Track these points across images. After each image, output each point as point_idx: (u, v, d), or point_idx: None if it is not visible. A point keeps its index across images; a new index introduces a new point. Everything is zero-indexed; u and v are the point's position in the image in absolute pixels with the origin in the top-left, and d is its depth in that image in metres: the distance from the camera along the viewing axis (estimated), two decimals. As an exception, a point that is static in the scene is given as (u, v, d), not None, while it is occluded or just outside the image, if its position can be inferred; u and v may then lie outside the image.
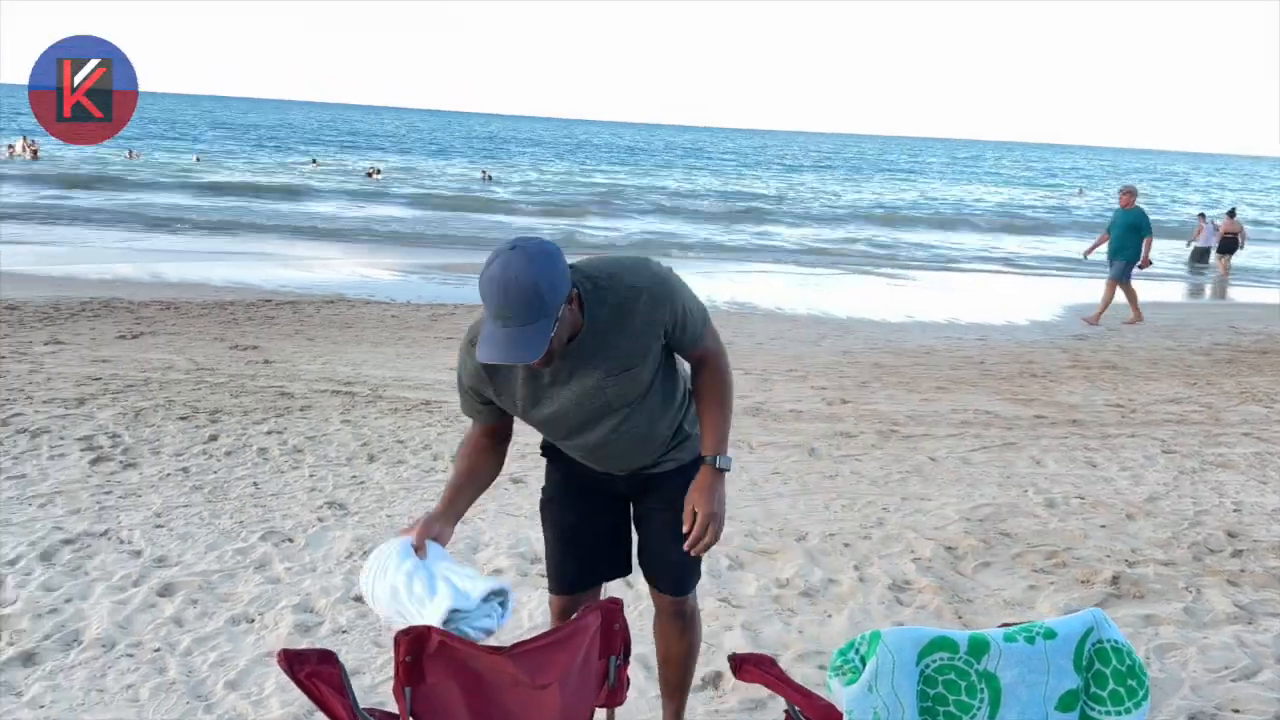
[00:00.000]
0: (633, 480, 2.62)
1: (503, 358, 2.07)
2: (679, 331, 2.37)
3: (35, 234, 17.21)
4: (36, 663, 3.32)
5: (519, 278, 2.04)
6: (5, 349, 7.88)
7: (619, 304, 2.28)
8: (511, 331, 2.05)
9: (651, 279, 2.32)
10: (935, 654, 1.94)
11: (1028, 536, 4.84)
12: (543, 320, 2.07)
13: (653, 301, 2.30)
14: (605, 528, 2.68)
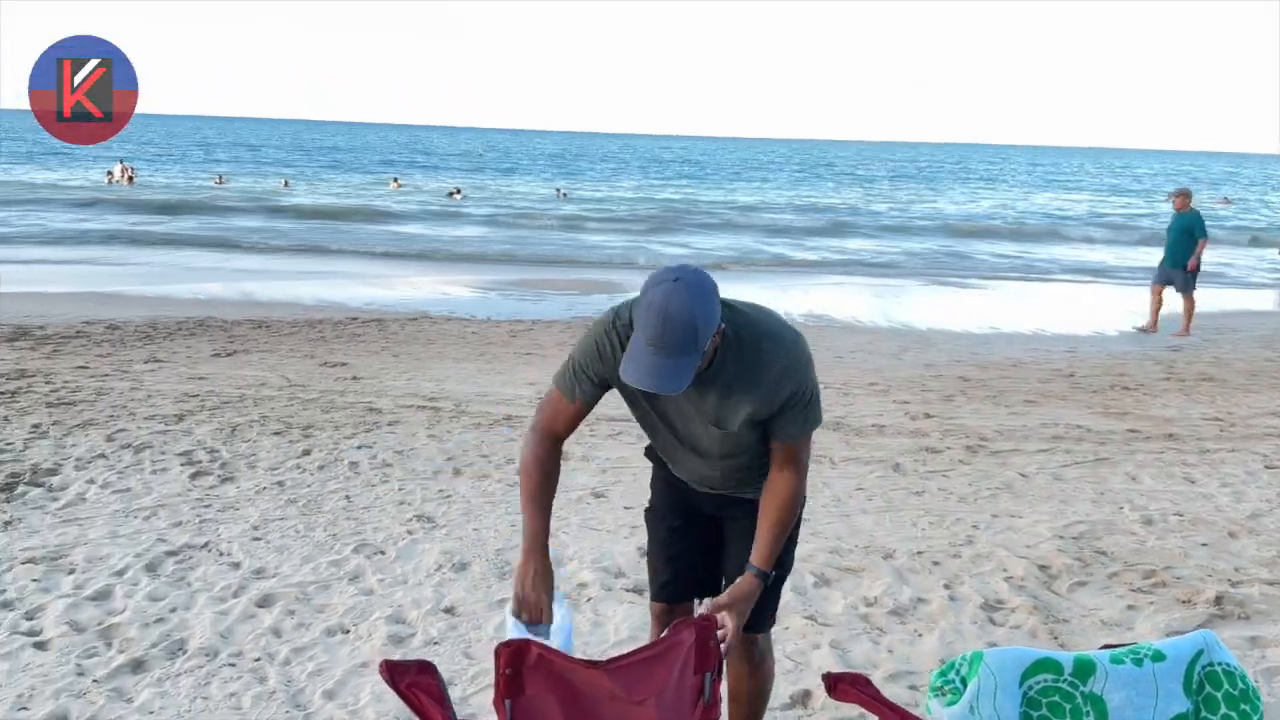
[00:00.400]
0: (716, 500, 2.65)
1: (649, 384, 2.11)
2: (784, 416, 2.34)
3: (132, 256, 17.90)
4: (145, 670, 3.45)
5: (679, 312, 2.07)
6: (108, 367, 8.21)
7: (747, 366, 2.29)
8: (662, 360, 2.09)
9: (789, 358, 2.31)
10: (1039, 675, 1.91)
11: (1125, 555, 4.71)
12: (692, 354, 2.10)
13: (779, 378, 2.30)
14: (698, 541, 2.70)
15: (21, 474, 5.40)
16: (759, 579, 2.36)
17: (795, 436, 2.39)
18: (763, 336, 2.30)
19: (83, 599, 3.94)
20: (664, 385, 2.11)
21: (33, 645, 3.57)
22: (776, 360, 2.29)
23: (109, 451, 5.86)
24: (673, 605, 2.73)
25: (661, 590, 2.73)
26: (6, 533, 4.60)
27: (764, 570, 2.37)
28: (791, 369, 2.31)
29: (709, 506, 2.67)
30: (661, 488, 2.75)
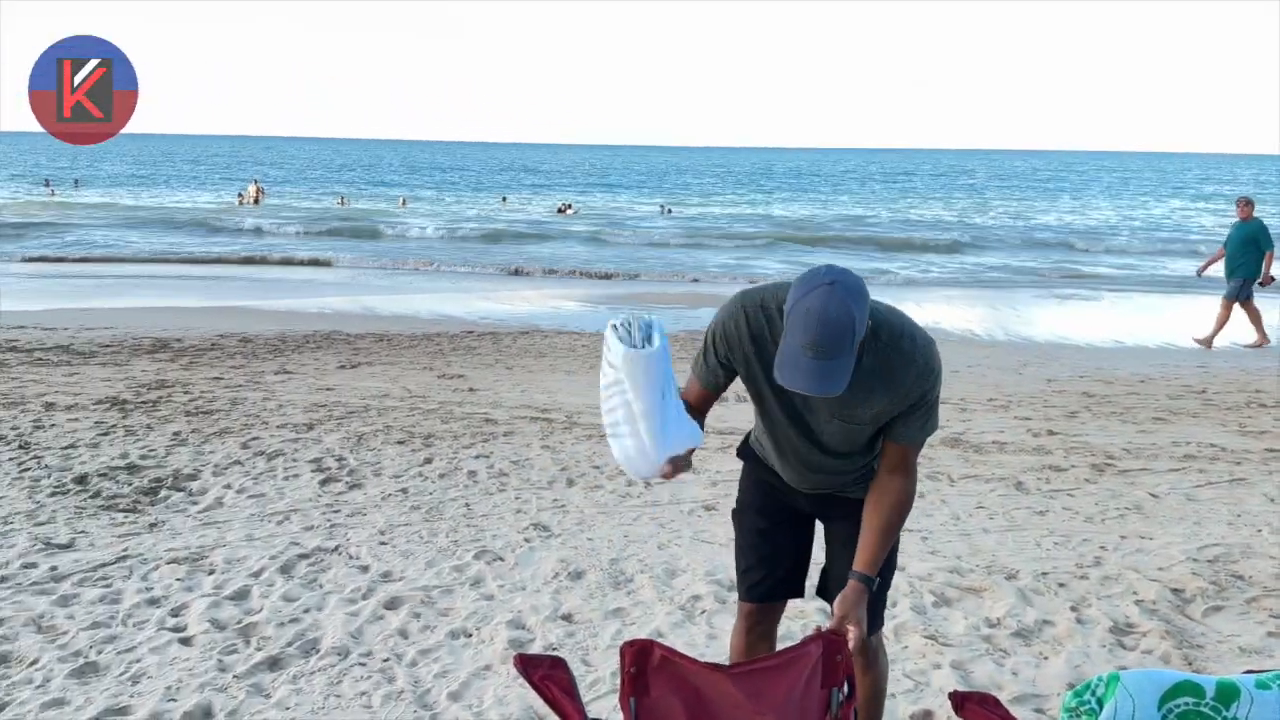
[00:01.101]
0: (816, 500, 2.65)
1: (810, 388, 2.12)
2: (907, 418, 2.36)
3: (261, 273, 18.73)
4: (281, 667, 3.61)
5: (838, 316, 2.08)
6: (241, 378, 8.62)
7: (886, 362, 2.30)
8: (820, 364, 2.09)
9: (926, 358, 2.34)
10: (1179, 698, 1.85)
11: (1264, 580, 4.49)
12: (848, 355, 2.12)
13: (916, 378, 2.32)
14: (789, 540, 2.71)
15: (164, 479, 5.71)
16: (864, 585, 2.33)
17: (913, 439, 2.40)
18: (902, 336, 2.32)
19: (223, 598, 4.15)
20: (825, 388, 2.11)
21: (179, 641, 3.78)
22: (915, 360, 2.31)
23: (244, 458, 6.16)
24: (762, 605, 2.75)
25: (750, 591, 2.74)
26: (152, 534, 4.88)
27: (869, 576, 2.35)
28: (926, 370, 2.32)
29: (807, 506, 2.67)
30: (751, 486, 2.75)
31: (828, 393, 2.12)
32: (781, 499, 2.68)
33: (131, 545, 4.70)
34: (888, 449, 2.43)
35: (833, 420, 2.41)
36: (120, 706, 3.29)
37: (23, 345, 9.80)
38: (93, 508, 5.22)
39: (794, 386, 2.13)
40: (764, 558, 2.72)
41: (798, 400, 2.43)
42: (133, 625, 3.89)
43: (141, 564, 4.48)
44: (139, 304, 13.76)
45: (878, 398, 2.33)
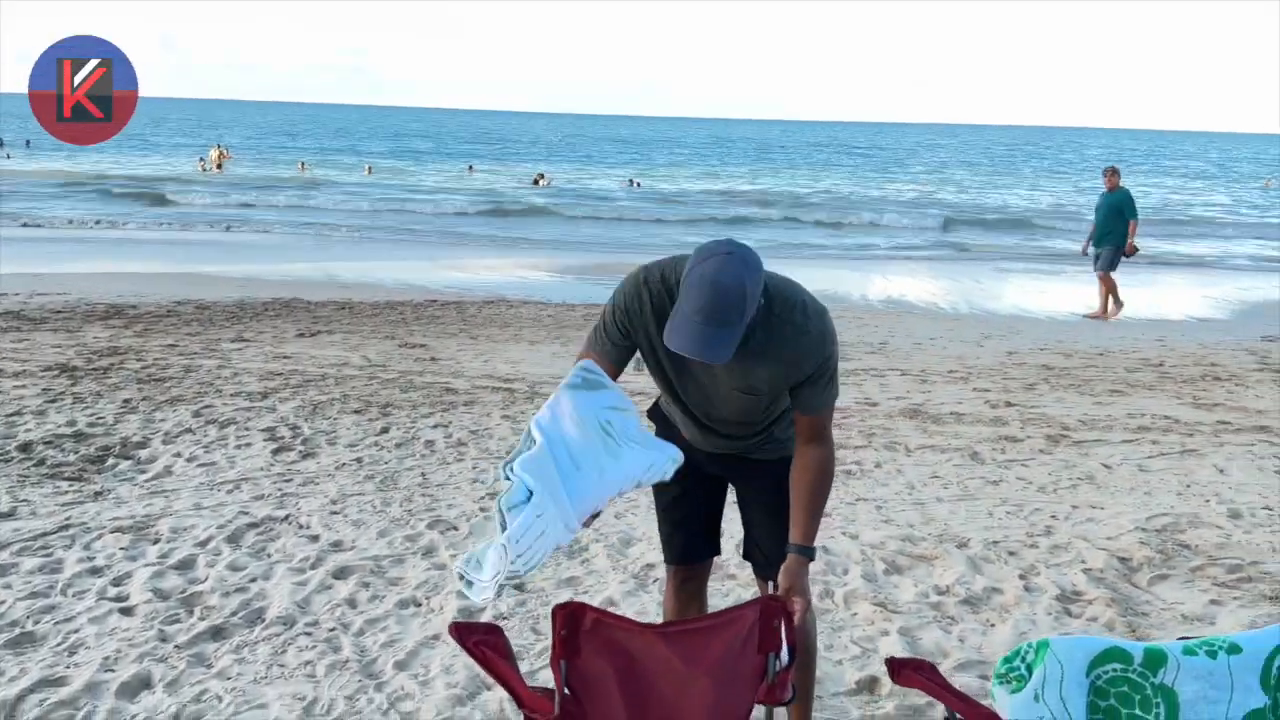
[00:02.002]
0: (723, 462, 2.68)
1: (696, 353, 2.12)
2: (808, 388, 2.37)
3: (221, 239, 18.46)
4: (225, 637, 3.56)
5: (731, 284, 2.09)
6: (197, 346, 8.48)
7: (779, 333, 2.31)
8: (709, 330, 2.10)
9: (820, 328, 2.34)
10: (1108, 665, 1.85)
11: (1209, 549, 4.55)
12: (738, 325, 2.12)
13: (810, 348, 2.33)
14: (700, 504, 2.77)
15: (112, 447, 5.61)
16: (804, 556, 2.33)
17: (820, 409, 2.41)
18: (794, 308, 2.33)
19: (167, 567, 4.09)
20: (711, 355, 2.12)
21: (119, 610, 3.72)
22: (807, 330, 2.32)
23: (195, 426, 6.06)
24: (685, 566, 2.82)
25: (671, 554, 2.83)
26: (97, 502, 4.80)
27: (807, 547, 2.35)
28: (820, 340, 2.33)
29: (714, 468, 2.70)
30: None
31: (714, 360, 2.13)
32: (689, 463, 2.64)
33: (75, 514, 4.62)
34: (799, 421, 2.43)
35: (731, 391, 2.43)
36: (56, 677, 3.23)
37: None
38: (36, 476, 5.12)
39: (681, 350, 2.13)
40: (678, 522, 2.79)
41: (697, 371, 2.43)
42: (72, 595, 3.82)
43: (84, 533, 4.40)
44: (95, 269, 13.52)
45: (773, 368, 2.35)
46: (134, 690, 3.18)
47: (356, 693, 3.20)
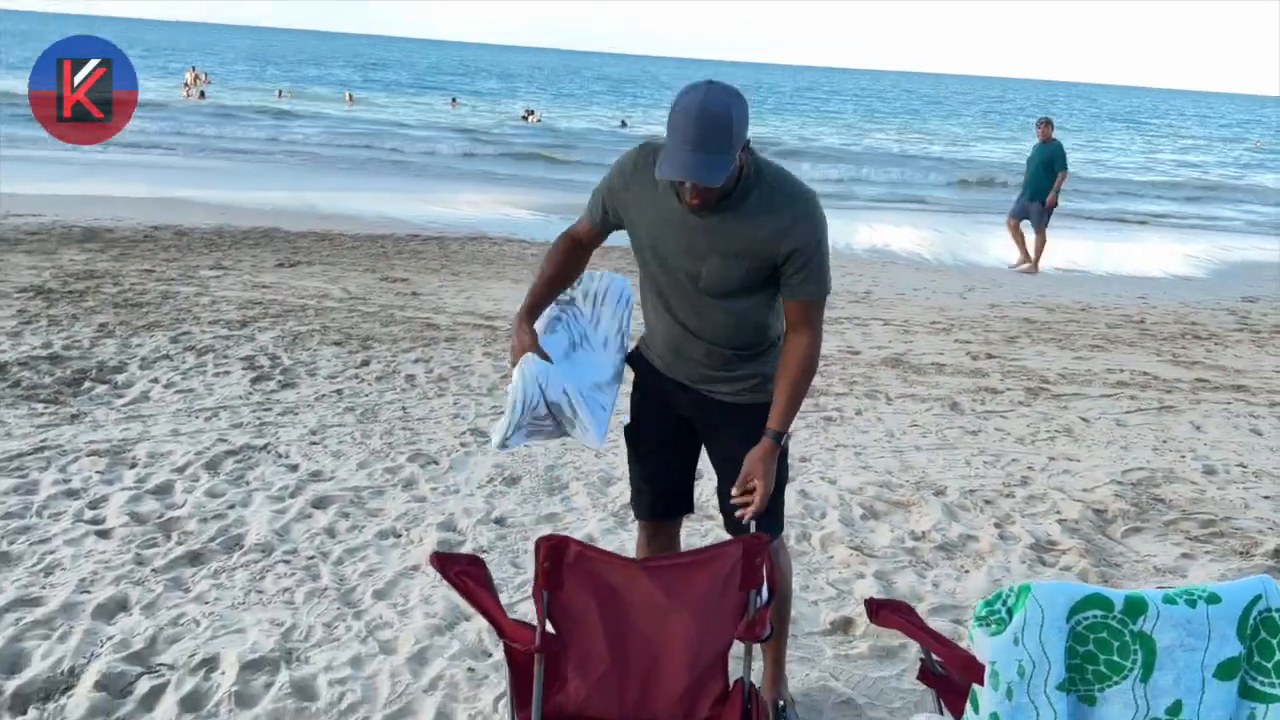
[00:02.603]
0: (696, 401, 2.62)
1: (689, 174, 2.15)
2: (796, 269, 2.36)
3: (198, 164, 18.13)
4: (202, 562, 3.55)
5: (715, 110, 2.13)
6: (174, 272, 8.36)
7: (770, 199, 2.33)
8: (699, 156, 2.14)
9: (808, 201, 2.36)
10: (1088, 611, 1.86)
11: (1183, 504, 4.61)
12: (728, 153, 2.16)
13: (796, 221, 2.34)
14: (670, 460, 2.74)
15: (88, 370, 5.55)
16: (774, 441, 2.36)
17: (808, 294, 2.40)
18: (785, 180, 2.37)
19: (144, 492, 4.07)
20: (702, 176, 2.15)
21: (95, 533, 3.69)
22: (797, 199, 2.35)
23: (173, 353, 6.00)
24: (657, 522, 2.80)
25: (639, 510, 2.82)
26: (73, 425, 4.75)
27: (779, 432, 2.38)
28: (806, 216, 2.35)
29: (684, 407, 2.65)
30: (637, 402, 2.74)
31: (705, 180, 2.15)
32: (660, 410, 2.67)
33: (51, 436, 4.58)
34: (788, 309, 2.45)
35: (713, 256, 2.38)
36: (32, 597, 3.21)
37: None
38: (11, 397, 5.05)
39: (673, 174, 2.15)
40: (647, 478, 2.77)
41: (680, 243, 2.41)
42: (48, 516, 3.80)
43: (60, 455, 4.36)
44: (71, 191, 13.26)
45: (763, 231, 2.34)
46: (111, 612, 3.17)
47: (335, 620, 3.21)
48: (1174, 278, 12.12)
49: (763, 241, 2.34)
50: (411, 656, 3.03)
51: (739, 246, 2.36)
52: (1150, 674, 1.88)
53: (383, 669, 2.96)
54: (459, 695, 2.86)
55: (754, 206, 2.33)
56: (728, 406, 2.59)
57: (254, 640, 3.05)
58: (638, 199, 2.46)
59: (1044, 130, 11.55)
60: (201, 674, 2.87)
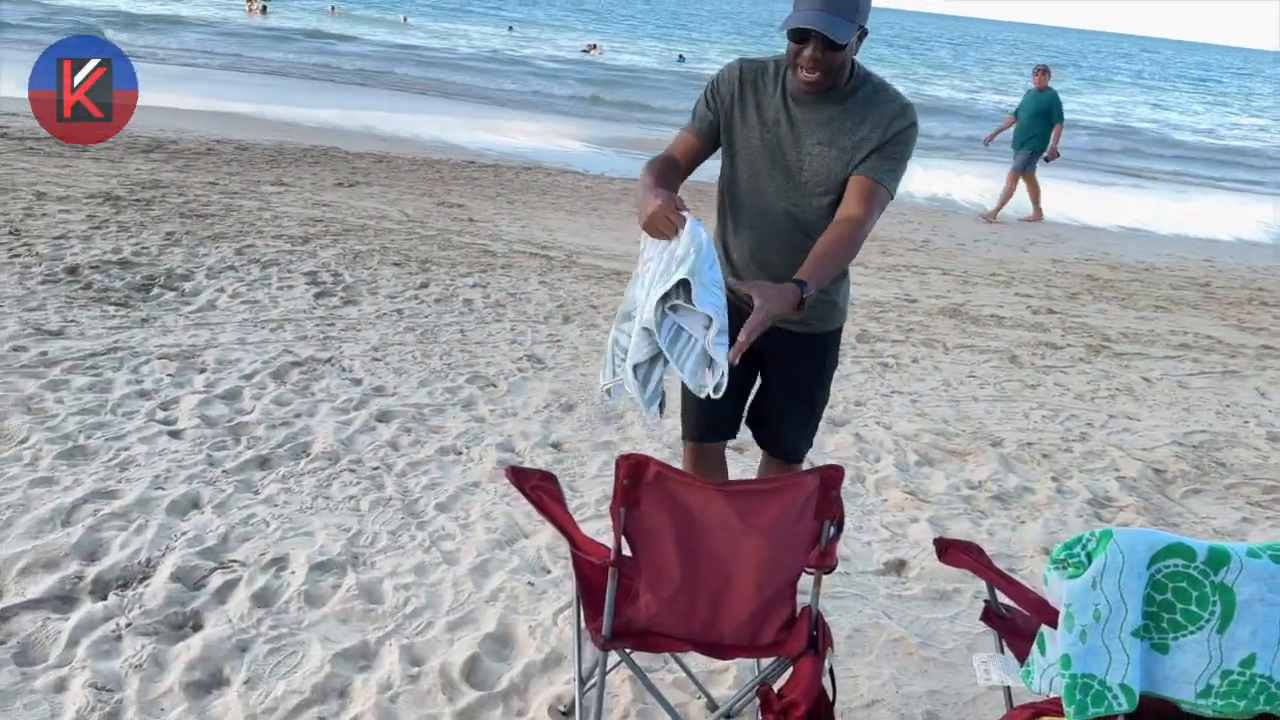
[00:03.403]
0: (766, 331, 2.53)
1: (816, 24, 2.24)
2: (880, 153, 2.41)
3: (258, 80, 18.16)
4: (271, 467, 3.64)
5: None
6: (237, 185, 8.44)
7: (874, 96, 2.43)
8: (826, 16, 2.25)
9: (907, 103, 2.47)
10: (1170, 560, 1.85)
11: (1245, 468, 4.55)
12: (853, 20, 2.27)
13: (898, 112, 2.42)
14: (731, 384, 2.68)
15: (157, 277, 5.64)
16: (797, 287, 2.23)
17: (878, 176, 2.41)
18: (889, 86, 2.48)
19: (214, 396, 4.15)
20: (827, 27, 2.24)
21: (168, 433, 3.79)
22: (899, 99, 2.45)
23: (238, 264, 6.08)
24: (699, 445, 2.83)
25: (687, 430, 2.84)
26: (143, 329, 4.84)
27: (804, 281, 2.25)
28: (907, 109, 2.44)
29: None
30: None
31: (831, 33, 2.24)
32: None
33: (122, 338, 4.68)
34: (851, 186, 2.43)
35: (819, 146, 2.44)
36: (108, 490, 3.31)
37: (14, 133, 9.54)
38: (84, 298, 5.16)
39: (801, 24, 2.25)
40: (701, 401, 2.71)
41: (789, 136, 2.46)
42: (122, 415, 3.89)
43: (132, 356, 4.46)
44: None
45: (865, 125, 2.42)
46: (183, 509, 3.27)
47: (399, 529, 3.28)
48: (1242, 241, 11.82)
49: (865, 132, 2.41)
50: (473, 568, 3.09)
51: (843, 135, 2.42)
52: (1227, 625, 1.87)
53: (446, 578, 3.02)
54: (519, 607, 2.92)
55: (861, 102, 2.42)
56: (795, 335, 2.62)
57: (322, 543, 3.13)
58: (743, 105, 2.50)
59: (1040, 79, 11.04)
60: (272, 572, 2.96)
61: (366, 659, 2.63)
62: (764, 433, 2.83)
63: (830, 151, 2.43)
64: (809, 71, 2.33)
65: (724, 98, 2.52)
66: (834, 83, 2.38)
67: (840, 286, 2.65)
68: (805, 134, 2.45)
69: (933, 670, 2.84)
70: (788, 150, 2.47)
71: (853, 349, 5.79)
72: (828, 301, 2.63)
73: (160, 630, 2.64)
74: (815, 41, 2.29)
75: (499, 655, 2.71)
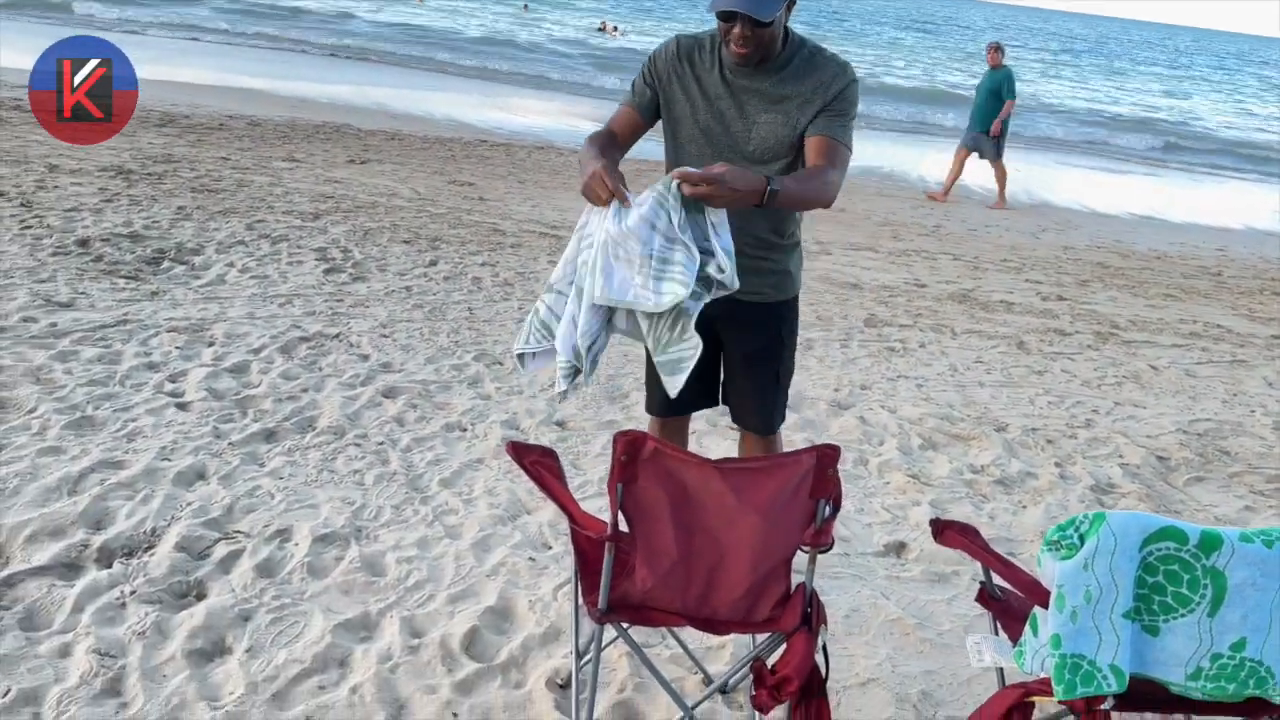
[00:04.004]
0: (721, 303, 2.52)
1: (740, 5, 2.29)
2: (826, 113, 2.46)
3: (270, 56, 18.14)
4: (277, 440, 3.67)
5: None
6: (249, 161, 8.46)
7: (812, 60, 2.50)
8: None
9: (844, 62, 2.53)
10: (1162, 542, 1.86)
11: (1249, 457, 4.54)
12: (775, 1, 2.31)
13: (835, 76, 2.48)
14: None
15: (167, 250, 5.67)
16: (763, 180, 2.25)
17: (830, 133, 2.45)
18: (825, 49, 2.54)
19: (222, 370, 4.19)
20: (751, 7, 2.29)
21: (175, 405, 3.82)
22: (835, 60, 2.52)
23: (248, 239, 6.10)
24: (666, 419, 2.90)
25: (655, 407, 2.89)
26: (153, 302, 4.88)
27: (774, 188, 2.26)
28: (845, 74, 2.49)
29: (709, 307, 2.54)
30: None
31: (756, 12, 2.29)
32: None
33: (132, 311, 4.71)
34: (808, 144, 2.48)
35: (762, 113, 2.49)
36: (115, 460, 3.35)
37: (27, 105, 9.57)
38: (94, 271, 5.20)
39: (726, 5, 2.29)
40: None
41: (731, 108, 2.50)
42: (130, 386, 3.93)
43: (141, 329, 4.49)
44: (146, 75, 13.37)
45: (805, 88, 2.48)
46: (190, 480, 3.30)
47: (403, 503, 3.31)
48: (1256, 231, 11.74)
49: (807, 93, 2.46)
50: (475, 543, 3.12)
51: (786, 101, 2.46)
52: (1218, 609, 1.88)
53: (448, 552, 3.05)
54: (520, 582, 2.95)
55: (798, 68, 2.48)
56: (748, 305, 2.64)
57: (326, 516, 3.16)
58: (682, 81, 2.55)
59: (993, 56, 10.84)
60: (276, 543, 2.99)
61: (367, 630, 2.67)
62: (733, 407, 2.87)
63: (776, 118, 2.48)
64: (740, 47, 2.39)
65: (662, 73, 2.57)
66: (768, 53, 2.44)
67: (792, 255, 2.70)
68: (748, 104, 2.50)
69: (929, 651, 2.85)
70: (732, 122, 2.52)
71: (860, 333, 5.79)
72: (779, 270, 2.67)
73: (164, 599, 2.68)
74: (742, 20, 2.34)
75: (498, 629, 2.74)
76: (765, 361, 2.76)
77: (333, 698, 2.39)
